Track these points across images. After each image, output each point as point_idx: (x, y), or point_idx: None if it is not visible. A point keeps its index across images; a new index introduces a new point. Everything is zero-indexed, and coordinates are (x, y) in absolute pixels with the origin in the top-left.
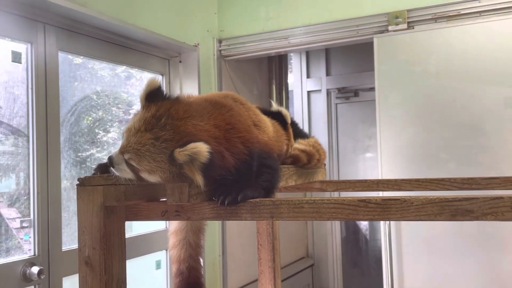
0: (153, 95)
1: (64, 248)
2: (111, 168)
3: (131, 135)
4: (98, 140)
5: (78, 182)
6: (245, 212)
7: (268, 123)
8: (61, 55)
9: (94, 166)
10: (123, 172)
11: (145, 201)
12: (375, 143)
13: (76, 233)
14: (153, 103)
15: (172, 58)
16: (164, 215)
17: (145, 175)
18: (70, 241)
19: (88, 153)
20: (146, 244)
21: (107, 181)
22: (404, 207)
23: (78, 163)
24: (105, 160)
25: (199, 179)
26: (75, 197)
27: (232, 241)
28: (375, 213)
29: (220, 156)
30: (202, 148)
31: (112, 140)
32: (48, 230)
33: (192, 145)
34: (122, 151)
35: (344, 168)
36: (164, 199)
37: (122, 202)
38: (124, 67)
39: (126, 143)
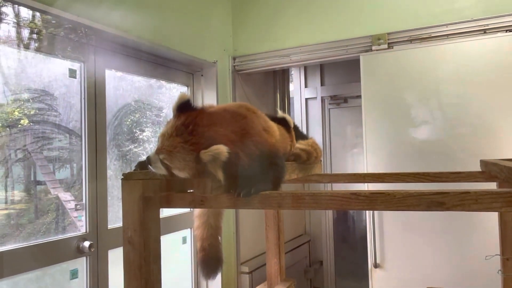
0: (183, 106)
1: (110, 226)
2: (149, 166)
3: (165, 139)
4: (136, 138)
5: (122, 177)
6: (257, 202)
7: (275, 128)
8: (108, 72)
9: (133, 160)
10: (158, 169)
11: (176, 192)
12: (362, 142)
13: (119, 214)
14: (182, 113)
15: (195, 73)
16: (191, 204)
17: (176, 172)
18: (113, 220)
19: (127, 149)
20: (174, 223)
21: (146, 176)
22: (388, 200)
23: (120, 158)
24: (143, 158)
25: (220, 174)
26: (118, 185)
27: (244, 222)
28: (364, 204)
29: (237, 156)
30: (222, 150)
31: (146, 138)
32: (97, 211)
33: (214, 147)
34: (158, 152)
35: (336, 163)
36: (191, 191)
37: (157, 193)
38: (156, 79)
39: (161, 146)
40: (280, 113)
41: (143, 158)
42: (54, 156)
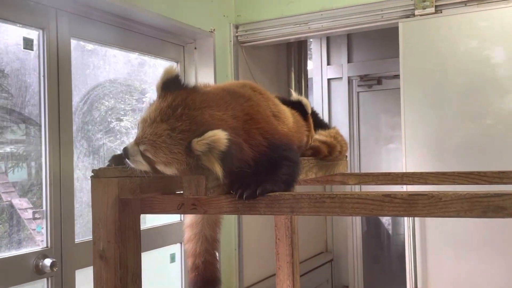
0: (170, 84)
1: (77, 240)
2: (126, 159)
3: (147, 126)
4: (111, 128)
5: (92, 174)
6: (264, 206)
7: (287, 114)
8: (73, 42)
9: (107, 156)
10: (138, 164)
11: (161, 194)
12: (399, 134)
13: (89, 225)
14: (169, 93)
15: (187, 45)
16: (180, 209)
17: (161, 167)
18: (83, 232)
19: (100, 142)
20: (160, 237)
21: (122, 173)
22: (432, 203)
23: (91, 153)
24: (119, 151)
25: (218, 169)
26: (88, 187)
27: (248, 233)
28: (401, 209)
29: (239, 147)
30: (220, 136)
31: (124, 129)
32: (61, 221)
33: (210, 133)
34: (138, 142)
35: (366, 160)
36: (180, 192)
37: (137, 194)
38: (137, 54)
39: (142, 134)
40: (294, 95)
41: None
42: (6, 152)
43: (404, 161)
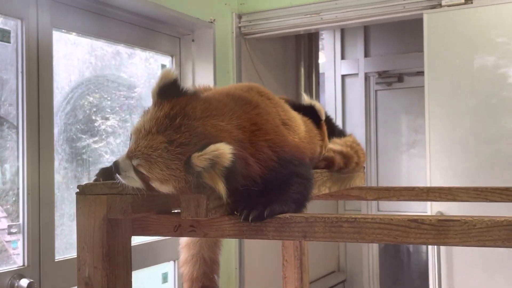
0: (167, 90)
1: (58, 257)
2: (117, 175)
3: (141, 138)
4: (96, 129)
5: (78, 190)
6: (272, 230)
7: (299, 121)
8: (56, 33)
9: (91, 161)
10: (130, 180)
11: (155, 214)
12: (423, 139)
13: (72, 241)
14: (166, 100)
15: (184, 37)
16: (177, 231)
17: (156, 185)
18: (64, 248)
19: (84, 144)
20: (151, 254)
21: (112, 190)
22: (465, 230)
23: (74, 158)
24: (104, 153)
25: (221, 187)
26: (69, 197)
27: (251, 252)
28: (429, 236)
29: (244, 163)
30: (224, 150)
31: (111, 129)
32: (40, 236)
33: (212, 147)
34: (130, 156)
35: (384, 169)
36: (177, 211)
37: (128, 214)
38: (128, 47)
39: (135, 147)
40: (306, 99)
41: (107, 160)
42: None
43: (428, 170)
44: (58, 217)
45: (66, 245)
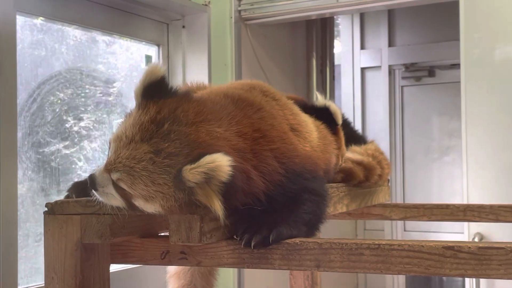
0: (153, 89)
1: (21, 286)
2: (93, 190)
3: (122, 147)
4: (67, 131)
5: (46, 209)
6: (279, 258)
7: (310, 126)
8: (20, 19)
9: (61, 170)
10: (109, 198)
11: (139, 238)
12: (459, 144)
13: (38, 266)
14: (152, 101)
15: (173, 22)
16: (164, 258)
17: (140, 203)
18: (29, 276)
19: (53, 149)
20: (133, 284)
21: (86, 209)
22: (510, 260)
23: (41, 166)
24: (77, 160)
25: (217, 206)
26: (35, 214)
27: (252, 282)
28: (468, 267)
29: (246, 176)
30: (221, 162)
31: (85, 131)
32: (0, 260)
33: (208, 158)
34: (109, 168)
35: (412, 181)
36: (164, 234)
37: (106, 238)
38: (105, 34)
39: (115, 158)
40: (320, 99)
41: (81, 169)
42: None
43: (465, 183)
44: (22, 237)
45: (31, 270)
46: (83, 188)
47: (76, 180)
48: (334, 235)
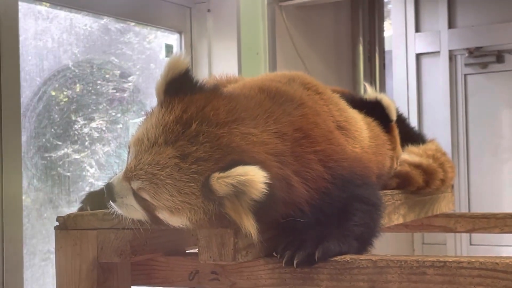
0: (177, 85)
1: None
2: (110, 201)
3: (143, 151)
4: (77, 133)
5: (57, 223)
6: (327, 278)
7: (360, 123)
8: (23, 5)
9: (71, 177)
10: (129, 210)
11: (163, 256)
12: None
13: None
14: (177, 98)
15: (196, 5)
16: (193, 279)
17: (164, 216)
18: None
19: (61, 153)
20: None
21: (103, 223)
22: None
23: (47, 173)
24: (88, 166)
25: (249, 225)
26: (42, 229)
27: None
28: None
29: (286, 185)
30: (255, 177)
31: (97, 132)
32: (3, 281)
33: (239, 169)
34: (129, 176)
35: (479, 185)
36: (193, 251)
37: (127, 257)
38: (119, 20)
39: (135, 164)
40: (369, 92)
41: (93, 176)
42: None
43: None
44: (28, 255)
45: (37, 287)
46: (99, 199)
47: (90, 189)
48: (388, 251)
